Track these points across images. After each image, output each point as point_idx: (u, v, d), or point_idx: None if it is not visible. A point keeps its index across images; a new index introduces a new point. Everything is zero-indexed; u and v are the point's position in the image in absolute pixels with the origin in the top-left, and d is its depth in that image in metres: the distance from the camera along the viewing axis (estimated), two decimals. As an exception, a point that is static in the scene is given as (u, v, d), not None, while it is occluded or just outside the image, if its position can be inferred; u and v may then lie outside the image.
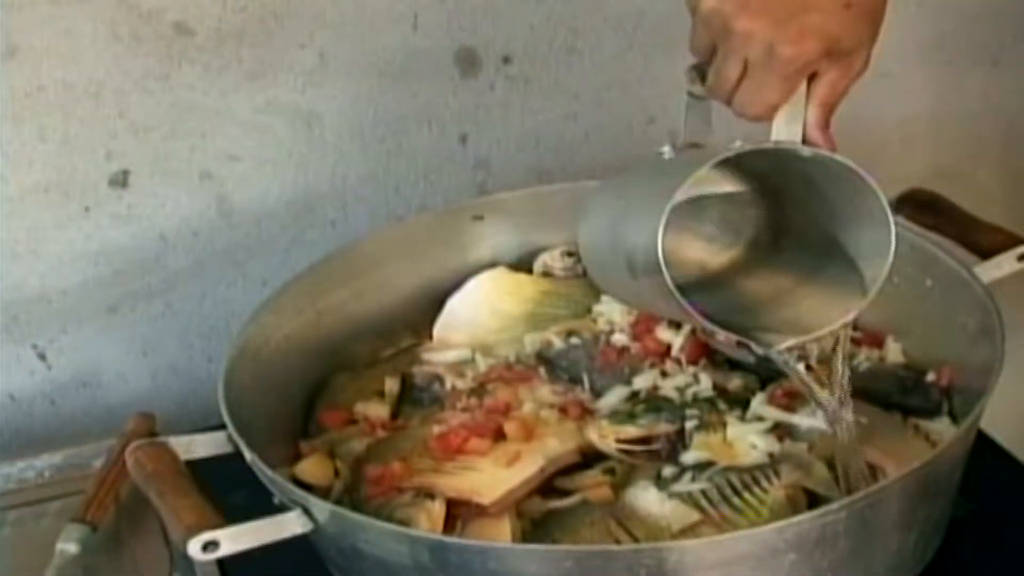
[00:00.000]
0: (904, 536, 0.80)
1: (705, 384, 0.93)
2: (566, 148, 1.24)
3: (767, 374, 0.94)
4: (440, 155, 1.20)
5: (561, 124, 1.24)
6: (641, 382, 0.95)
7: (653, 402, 0.92)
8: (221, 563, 0.81)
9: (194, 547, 0.74)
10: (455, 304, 1.08)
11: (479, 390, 0.96)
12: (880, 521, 0.77)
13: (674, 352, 0.97)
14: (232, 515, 0.76)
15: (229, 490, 0.82)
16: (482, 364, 1.00)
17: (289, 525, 0.78)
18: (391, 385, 1.00)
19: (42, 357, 1.15)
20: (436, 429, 0.90)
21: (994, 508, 0.91)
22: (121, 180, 1.12)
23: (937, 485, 0.81)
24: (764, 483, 0.82)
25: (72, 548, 0.91)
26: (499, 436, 0.89)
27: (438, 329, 1.07)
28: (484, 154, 1.22)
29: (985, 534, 0.89)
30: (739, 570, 0.74)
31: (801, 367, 0.79)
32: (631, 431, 0.89)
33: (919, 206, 1.03)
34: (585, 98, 1.23)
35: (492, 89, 1.19)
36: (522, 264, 1.12)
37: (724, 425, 0.89)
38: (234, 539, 0.74)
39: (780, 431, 0.88)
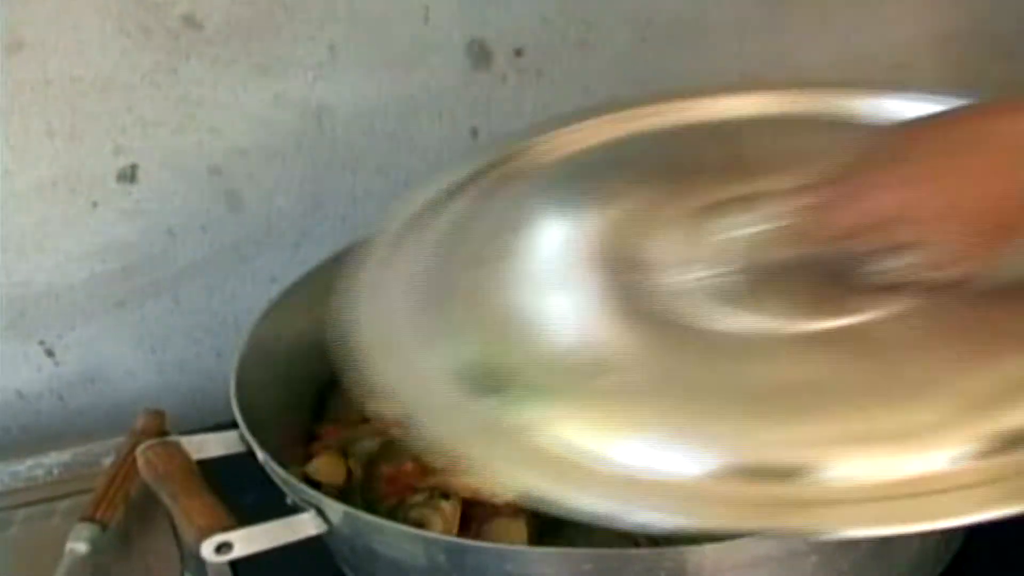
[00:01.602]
0: (925, 536, 0.79)
1: (722, 381, 0.92)
2: (578, 142, 1.23)
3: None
4: (451, 148, 1.19)
5: (573, 117, 1.23)
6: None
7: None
8: (233, 562, 0.80)
9: (207, 549, 0.73)
10: (467, 299, 1.07)
11: (492, 387, 0.95)
12: (902, 522, 0.76)
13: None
14: (242, 514, 0.75)
15: (238, 489, 0.81)
16: (495, 360, 0.99)
17: (303, 527, 0.77)
18: (404, 382, 0.99)
19: (50, 353, 1.14)
20: (450, 427, 0.89)
21: (1015, 507, 0.90)
22: (129, 175, 1.11)
23: (959, 484, 0.80)
24: (784, 482, 0.81)
25: (82, 547, 0.91)
26: (514, 434, 0.88)
27: (450, 325, 1.06)
28: (495, 148, 1.21)
29: (1007, 533, 0.88)
30: (760, 572, 0.73)
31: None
32: (648, 429, 0.88)
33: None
34: (597, 92, 1.22)
35: (504, 82, 1.18)
36: (534, 259, 1.10)
37: (742, 423, 0.87)
38: (248, 541, 0.74)
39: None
